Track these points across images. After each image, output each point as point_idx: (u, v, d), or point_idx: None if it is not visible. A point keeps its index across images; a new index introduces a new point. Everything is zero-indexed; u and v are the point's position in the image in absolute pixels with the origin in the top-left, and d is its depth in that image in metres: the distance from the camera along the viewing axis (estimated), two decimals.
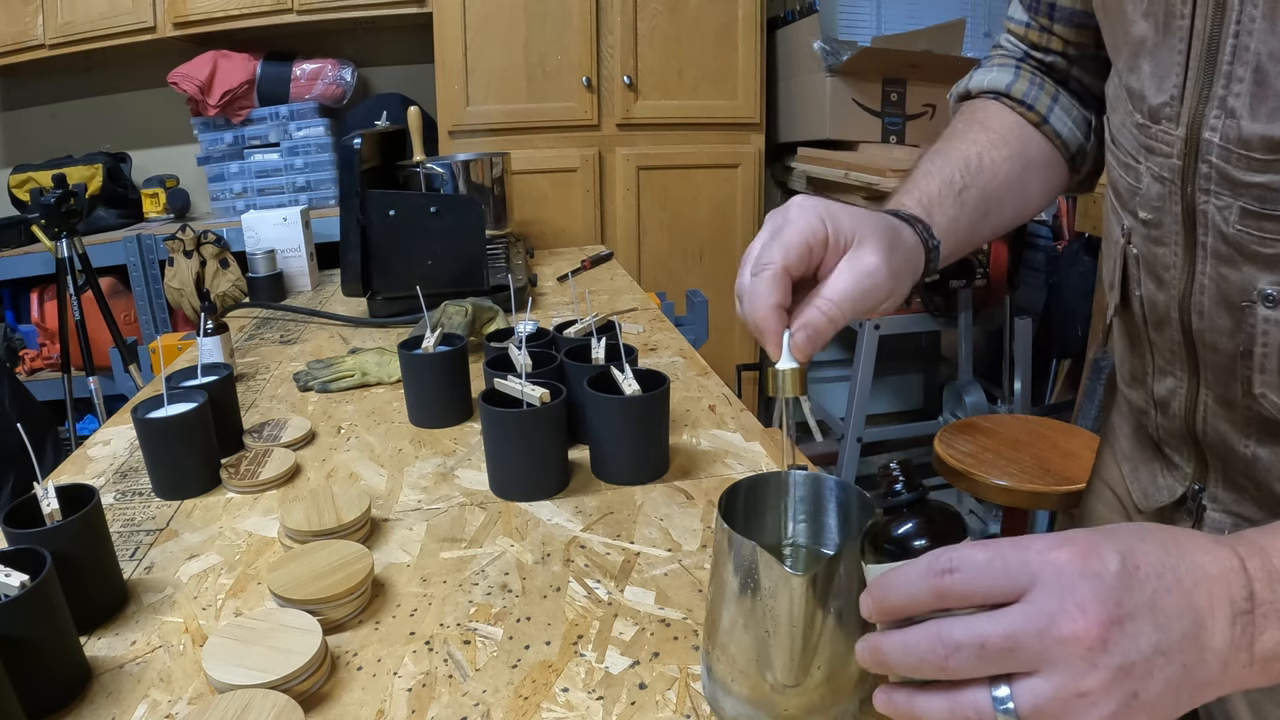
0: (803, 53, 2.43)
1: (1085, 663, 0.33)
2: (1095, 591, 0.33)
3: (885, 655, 0.37)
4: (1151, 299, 0.57)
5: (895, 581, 0.37)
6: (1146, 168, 0.54)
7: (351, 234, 1.36)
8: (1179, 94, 0.49)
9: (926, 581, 0.36)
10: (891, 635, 0.37)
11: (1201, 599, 0.34)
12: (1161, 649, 0.34)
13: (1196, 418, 0.56)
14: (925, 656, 0.35)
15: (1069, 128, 0.67)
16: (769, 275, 0.47)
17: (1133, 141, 0.55)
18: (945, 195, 0.60)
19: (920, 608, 0.36)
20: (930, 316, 2.32)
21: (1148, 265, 0.56)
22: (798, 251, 0.47)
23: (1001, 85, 0.68)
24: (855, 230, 0.48)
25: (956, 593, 0.35)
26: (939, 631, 0.35)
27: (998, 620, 0.34)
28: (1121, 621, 0.33)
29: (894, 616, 0.37)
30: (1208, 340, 0.53)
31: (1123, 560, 0.34)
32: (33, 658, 0.50)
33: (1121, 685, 0.33)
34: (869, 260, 0.48)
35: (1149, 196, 0.54)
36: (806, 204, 0.49)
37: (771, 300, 0.47)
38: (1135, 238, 0.57)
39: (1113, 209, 0.61)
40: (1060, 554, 0.34)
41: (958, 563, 0.35)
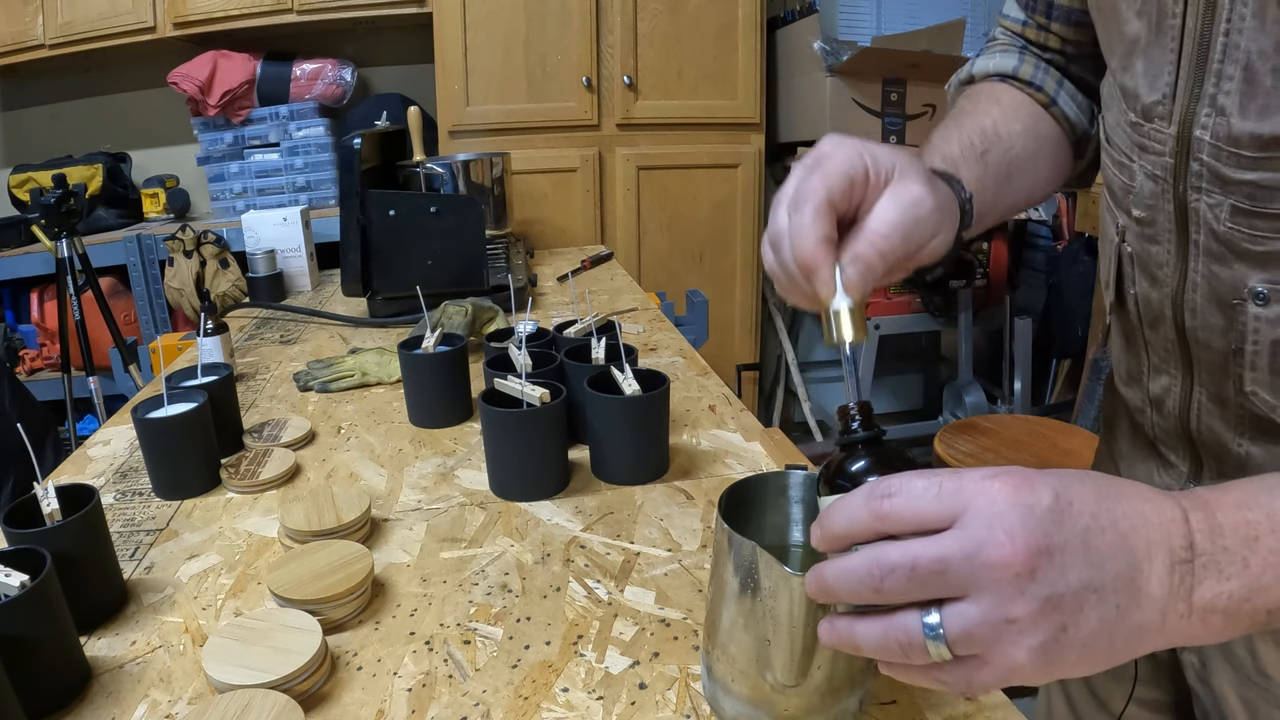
0: (803, 53, 2.43)
1: (1012, 589, 0.33)
2: (1024, 520, 0.34)
3: (827, 580, 0.38)
4: (1146, 297, 0.57)
5: (838, 508, 0.38)
6: (1140, 166, 0.54)
7: (351, 234, 1.36)
8: (1171, 92, 0.49)
9: (866, 506, 0.36)
10: (834, 561, 0.37)
11: (1138, 543, 0.35)
12: (1093, 586, 0.34)
13: (1191, 416, 0.57)
14: (862, 579, 0.36)
15: (1075, 111, 0.67)
16: (812, 208, 0.43)
17: (1126, 140, 0.55)
18: (969, 155, 0.59)
19: (861, 533, 0.37)
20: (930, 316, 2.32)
21: (1142, 263, 0.57)
22: (840, 184, 0.43)
23: (1008, 68, 0.68)
24: (894, 163, 0.45)
25: (893, 517, 0.36)
26: (875, 554, 0.36)
27: (930, 543, 0.35)
28: (1050, 552, 0.33)
29: (838, 545, 0.38)
30: (1200, 338, 0.53)
31: (1056, 495, 0.34)
32: (33, 658, 0.50)
33: (1050, 617, 0.33)
34: (915, 190, 0.45)
35: (1142, 195, 0.54)
36: (841, 139, 0.45)
37: (818, 233, 0.43)
38: (1129, 236, 0.57)
39: (1108, 208, 0.61)
40: (994, 484, 0.35)
41: (895, 489, 0.36)
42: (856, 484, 0.39)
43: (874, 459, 0.41)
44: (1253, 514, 0.35)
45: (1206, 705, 0.62)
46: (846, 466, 0.41)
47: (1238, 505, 0.36)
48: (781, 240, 0.45)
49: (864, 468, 0.40)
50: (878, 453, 0.41)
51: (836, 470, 0.41)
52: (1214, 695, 0.60)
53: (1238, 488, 0.37)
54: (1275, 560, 0.34)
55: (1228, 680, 0.59)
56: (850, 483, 0.40)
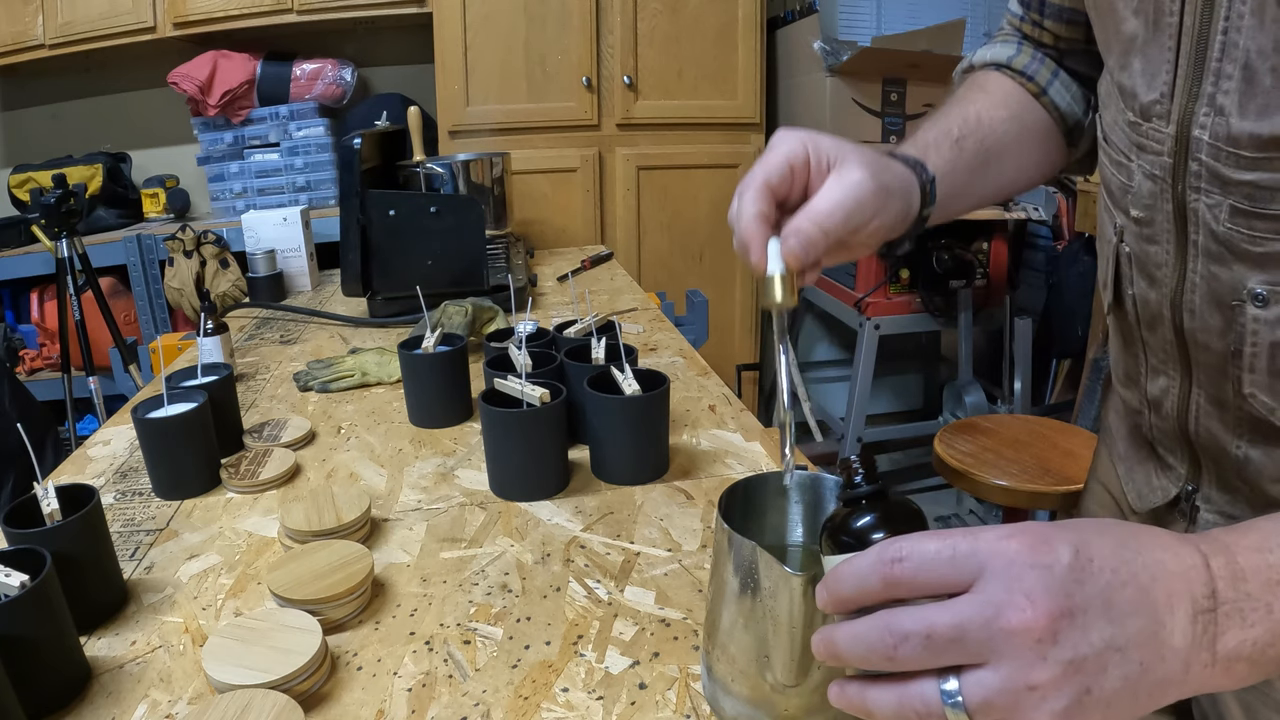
0: (803, 53, 2.43)
1: (1034, 655, 0.32)
2: (1044, 582, 0.33)
3: (837, 645, 0.36)
4: (1144, 298, 0.57)
5: (847, 571, 0.37)
6: (1138, 165, 0.54)
7: (351, 234, 1.36)
8: (1169, 91, 0.49)
9: (876, 571, 0.35)
10: (843, 625, 0.36)
11: (1160, 595, 0.34)
12: (1116, 644, 0.33)
13: (1189, 418, 0.56)
14: (874, 646, 0.35)
15: (1067, 101, 0.67)
16: (751, 191, 0.49)
17: (1124, 139, 0.55)
18: (941, 141, 0.61)
19: (871, 597, 0.36)
20: (930, 316, 2.32)
21: (1140, 264, 0.56)
22: (778, 169, 0.49)
23: (1003, 58, 0.69)
24: (837, 151, 0.50)
25: (905, 581, 0.35)
26: (888, 621, 0.34)
27: (945, 609, 0.33)
28: (1072, 614, 0.33)
29: (846, 607, 0.37)
30: (1199, 340, 0.53)
31: (1075, 552, 0.33)
32: (33, 658, 0.50)
33: (1072, 680, 0.32)
34: (854, 174, 0.49)
35: (1140, 195, 0.54)
36: (788, 132, 0.50)
37: (753, 210, 0.48)
38: (1128, 236, 0.57)
39: (1105, 208, 0.61)
40: (1010, 544, 0.34)
41: (907, 552, 0.35)
42: (862, 541, 0.38)
43: (879, 515, 0.39)
44: (1274, 556, 0.34)
45: (1205, 707, 0.61)
46: (850, 524, 0.40)
47: (1258, 549, 0.35)
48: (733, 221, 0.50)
49: (869, 524, 0.39)
50: (882, 507, 0.40)
51: (840, 527, 0.40)
52: (1213, 698, 0.60)
53: (1255, 529, 0.36)
54: None
55: None
56: (855, 540, 0.39)
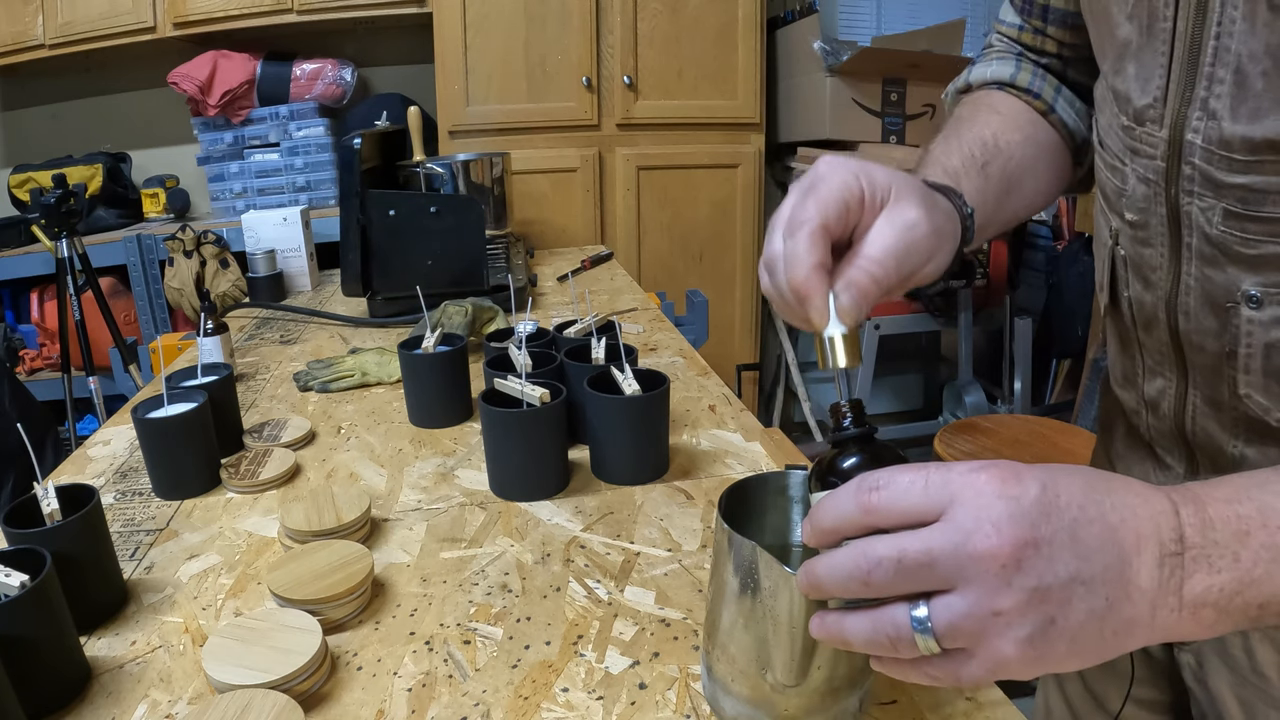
0: (803, 53, 2.43)
1: (999, 580, 0.33)
2: (1011, 512, 0.34)
3: (817, 574, 0.38)
4: (1139, 300, 0.57)
5: (827, 503, 0.38)
6: (1132, 169, 0.54)
7: (351, 234, 1.36)
8: (1162, 96, 0.49)
9: (854, 500, 0.36)
10: (824, 556, 0.38)
11: (1128, 535, 0.35)
12: (1081, 578, 0.34)
13: (1186, 418, 0.57)
14: (851, 572, 0.36)
15: (1074, 119, 0.67)
16: (806, 233, 0.42)
17: (1119, 143, 0.55)
18: (969, 168, 0.59)
19: (850, 527, 0.37)
20: (930, 316, 2.32)
21: (1135, 266, 0.57)
22: (836, 209, 0.43)
23: (1005, 76, 0.68)
24: (891, 185, 0.45)
25: (881, 510, 0.36)
26: (862, 548, 0.36)
27: (917, 535, 0.35)
28: (1037, 544, 0.33)
29: (828, 539, 0.38)
30: (1194, 341, 0.53)
31: (1043, 487, 0.34)
32: (33, 658, 0.50)
33: (1038, 608, 0.33)
34: (910, 214, 0.44)
35: (1135, 198, 0.54)
36: (837, 161, 0.45)
37: (812, 260, 0.42)
38: (1123, 239, 0.57)
39: (1101, 210, 0.61)
40: (981, 476, 0.35)
41: (884, 482, 0.36)
42: (848, 480, 0.39)
43: (865, 455, 0.41)
44: (1244, 508, 0.35)
45: (1204, 705, 0.62)
46: (837, 463, 0.41)
47: (1228, 500, 0.36)
48: (776, 265, 0.45)
49: (855, 464, 0.40)
50: (869, 449, 0.41)
51: (828, 467, 0.41)
52: (1211, 695, 0.60)
53: (1228, 483, 0.37)
54: (1266, 554, 0.34)
55: (1224, 680, 0.59)
56: (841, 479, 0.40)
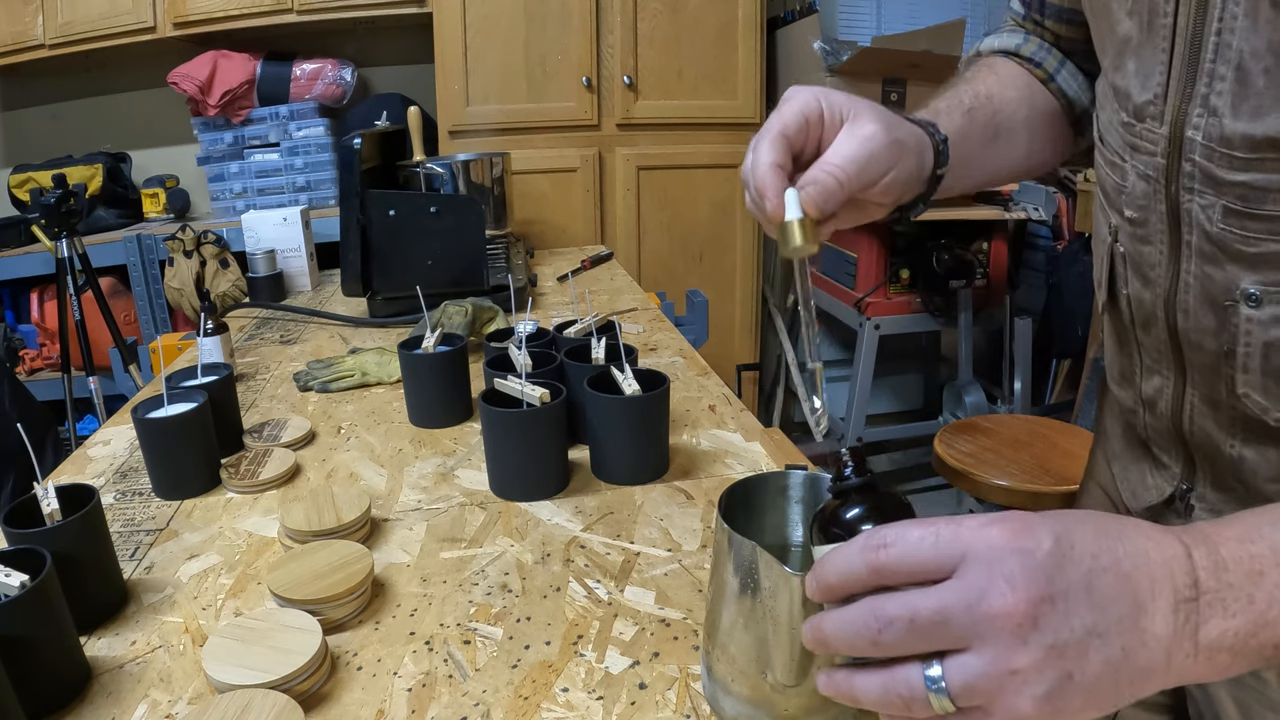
0: (803, 53, 2.43)
1: (1015, 639, 0.33)
2: (1025, 567, 0.33)
3: (824, 632, 0.37)
4: (1138, 298, 0.57)
5: (834, 559, 0.37)
6: (1132, 166, 0.54)
7: (351, 234, 1.36)
8: (1163, 92, 0.49)
9: (862, 557, 0.36)
10: (830, 613, 0.37)
11: (1142, 582, 0.34)
12: (1097, 630, 0.33)
13: (1183, 417, 0.57)
14: (860, 631, 0.35)
15: (1075, 89, 0.68)
16: (766, 140, 0.48)
17: (1119, 140, 0.55)
18: (952, 109, 0.62)
19: (857, 584, 0.36)
20: (930, 316, 2.32)
21: (1134, 264, 0.56)
22: (795, 121, 0.48)
23: (1010, 45, 0.70)
24: (851, 107, 0.50)
25: (890, 568, 0.35)
26: (872, 607, 0.35)
27: (928, 594, 0.34)
28: (1053, 599, 0.33)
29: (834, 595, 0.37)
30: (1193, 340, 0.53)
31: (1056, 539, 0.34)
32: (33, 658, 0.50)
33: (1054, 665, 0.33)
34: (868, 127, 0.49)
35: (1134, 195, 0.54)
36: (801, 89, 0.50)
37: (770, 159, 0.47)
38: (1122, 236, 0.57)
39: (1100, 207, 0.61)
40: (993, 530, 0.34)
41: (891, 538, 0.35)
42: (851, 532, 0.39)
43: (868, 506, 0.40)
44: (1256, 547, 0.35)
45: (1201, 706, 0.62)
46: (840, 514, 0.40)
47: (1240, 539, 0.35)
48: (746, 176, 0.49)
49: (858, 515, 0.40)
50: (871, 499, 0.40)
51: (830, 518, 0.41)
52: (1209, 697, 0.60)
53: (1240, 521, 0.36)
54: None
55: (1222, 682, 0.59)
56: (845, 531, 0.39)
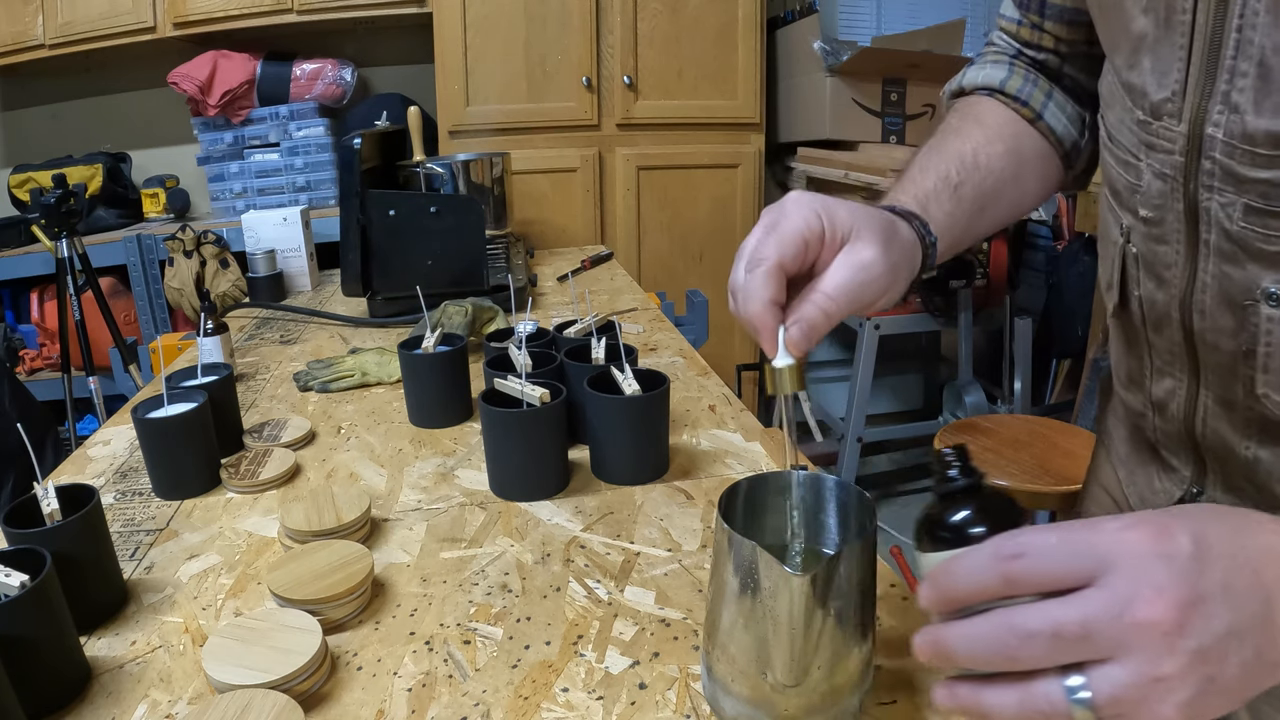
0: (803, 53, 2.43)
1: (1163, 647, 0.32)
2: (1170, 573, 0.32)
3: (949, 647, 0.35)
4: (1151, 299, 0.56)
5: (959, 569, 0.36)
6: (1147, 165, 0.53)
7: (351, 234, 1.36)
8: (1181, 89, 0.49)
9: (994, 568, 0.34)
10: (956, 626, 0.35)
11: (1270, 578, 0.33)
12: (1235, 631, 0.32)
13: (1196, 420, 0.56)
14: (995, 647, 0.34)
15: (1063, 125, 0.67)
16: (763, 271, 0.46)
17: (1132, 139, 0.55)
18: (941, 191, 0.60)
19: (986, 595, 0.35)
20: (930, 316, 2.32)
21: (1148, 264, 0.56)
22: (793, 247, 0.46)
23: (995, 82, 0.68)
24: (852, 225, 0.48)
25: (1025, 578, 0.34)
26: (1010, 620, 0.33)
27: (1070, 606, 0.33)
28: (1196, 603, 0.32)
29: (957, 606, 0.36)
30: (1209, 340, 0.52)
31: (1195, 541, 0.33)
32: (33, 658, 0.50)
33: (1198, 669, 0.32)
34: (865, 254, 0.47)
35: (1150, 194, 0.54)
36: (803, 199, 0.48)
37: (765, 296, 0.46)
38: (1135, 236, 0.57)
39: (1110, 208, 0.61)
40: (1131, 535, 0.33)
41: (1025, 547, 0.34)
42: (962, 538, 0.38)
43: (977, 507, 0.38)
44: None
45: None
46: (947, 518, 0.39)
47: None
48: (736, 294, 0.48)
49: (968, 518, 0.38)
50: (979, 501, 0.39)
51: (937, 523, 0.39)
52: None
53: None
54: None
55: None
56: (954, 536, 0.38)
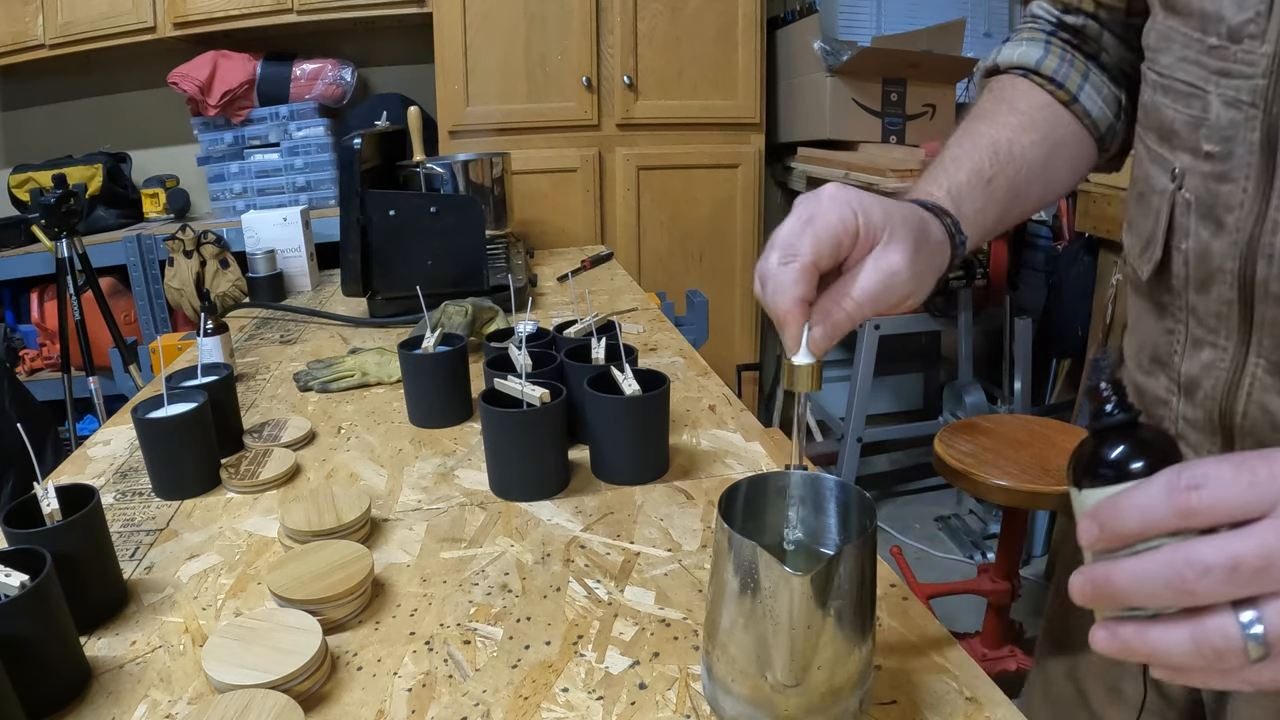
0: (803, 53, 2.43)
1: None
2: None
3: (1117, 585, 0.34)
4: (1203, 250, 0.53)
5: (1129, 503, 0.34)
6: (1217, 94, 0.50)
7: (351, 234, 1.36)
8: (1266, 9, 0.47)
9: (1169, 500, 0.33)
10: (1125, 563, 0.34)
11: None
12: None
13: (1238, 395, 0.53)
14: (1170, 582, 0.33)
15: (1099, 107, 0.65)
16: (796, 268, 0.46)
17: (1198, 71, 0.52)
18: (974, 185, 0.59)
19: (1159, 529, 0.34)
20: (930, 316, 2.32)
21: (1205, 209, 0.52)
22: (829, 246, 0.46)
23: (1031, 61, 0.67)
24: (885, 225, 0.47)
25: (1203, 510, 0.33)
26: (1185, 555, 0.32)
27: (1250, 537, 0.32)
28: None
29: (1126, 542, 0.35)
30: (1273, 290, 0.49)
31: None
32: (33, 658, 0.50)
33: None
34: (895, 259, 0.47)
35: (1217, 126, 0.51)
36: (839, 195, 0.47)
37: (796, 293, 0.46)
38: (1190, 179, 0.53)
39: (1156, 158, 0.57)
40: None
41: (1202, 479, 0.33)
42: (1123, 474, 0.37)
43: (1135, 443, 0.37)
44: None
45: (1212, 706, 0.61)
46: (1106, 455, 0.37)
47: None
48: (767, 282, 0.47)
49: (1127, 453, 0.37)
50: (1139, 436, 0.37)
51: (1094, 460, 0.38)
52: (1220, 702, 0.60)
53: None
54: None
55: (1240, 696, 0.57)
56: (1115, 472, 0.37)
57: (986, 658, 1.75)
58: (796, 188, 2.64)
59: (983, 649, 1.77)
